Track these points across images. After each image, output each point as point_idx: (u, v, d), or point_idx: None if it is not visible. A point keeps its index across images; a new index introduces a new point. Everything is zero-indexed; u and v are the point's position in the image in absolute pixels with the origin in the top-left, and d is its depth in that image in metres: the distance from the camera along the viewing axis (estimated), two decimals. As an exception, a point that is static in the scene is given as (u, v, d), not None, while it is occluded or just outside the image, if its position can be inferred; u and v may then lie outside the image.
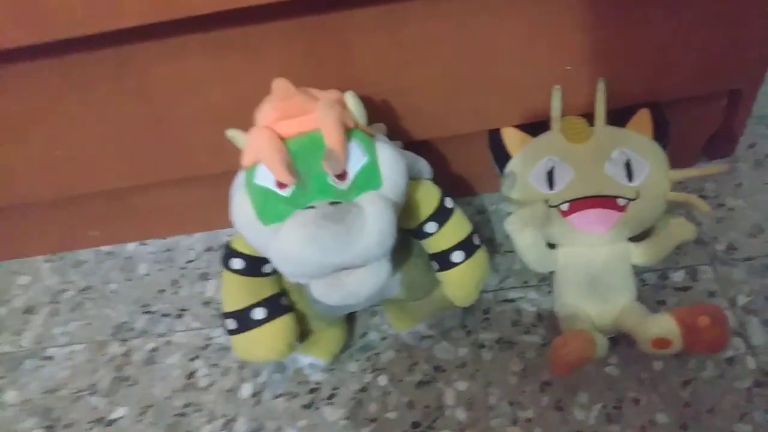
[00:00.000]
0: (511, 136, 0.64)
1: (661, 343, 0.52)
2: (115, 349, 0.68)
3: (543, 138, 0.62)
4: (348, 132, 0.45)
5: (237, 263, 0.51)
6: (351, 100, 0.47)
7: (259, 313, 0.52)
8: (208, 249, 0.76)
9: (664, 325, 0.52)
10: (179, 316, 0.69)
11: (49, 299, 0.74)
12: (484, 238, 0.55)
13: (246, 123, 0.49)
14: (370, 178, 0.45)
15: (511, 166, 0.63)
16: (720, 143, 0.72)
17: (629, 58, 0.59)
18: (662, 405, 0.56)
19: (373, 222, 0.41)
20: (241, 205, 0.45)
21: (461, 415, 0.57)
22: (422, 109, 0.61)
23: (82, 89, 0.56)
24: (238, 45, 0.54)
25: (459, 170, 0.72)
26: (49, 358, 0.68)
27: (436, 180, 0.55)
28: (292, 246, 0.40)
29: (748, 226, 0.67)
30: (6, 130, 0.59)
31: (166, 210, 0.74)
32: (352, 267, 0.43)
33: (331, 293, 0.44)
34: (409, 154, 0.54)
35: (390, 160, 0.46)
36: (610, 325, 0.57)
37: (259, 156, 0.43)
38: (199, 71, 0.55)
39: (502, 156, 0.64)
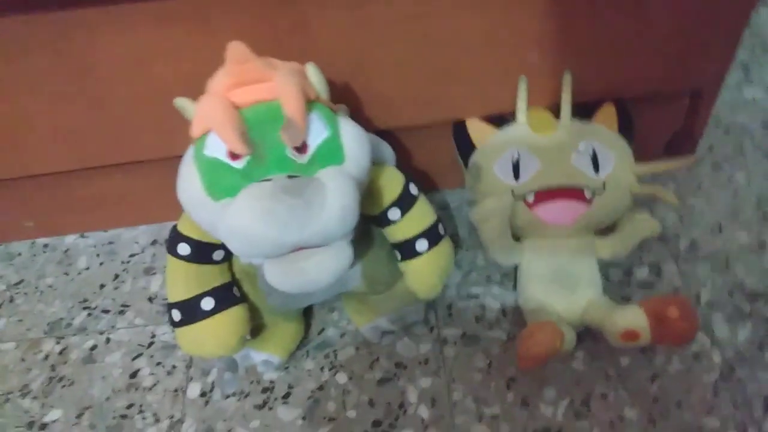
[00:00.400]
0: (476, 127, 0.62)
1: (630, 335, 0.50)
2: (51, 347, 0.62)
3: (509, 129, 0.61)
4: (309, 104, 0.42)
5: (183, 248, 0.47)
6: (312, 72, 0.44)
7: (207, 304, 0.48)
8: (154, 242, 0.71)
9: (632, 317, 0.51)
10: (121, 312, 0.65)
11: (-24, 295, 0.68)
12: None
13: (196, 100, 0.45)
14: (331, 153, 0.42)
15: (475, 158, 0.61)
16: (681, 144, 0.72)
17: (594, 52, 0.58)
18: (630, 400, 0.54)
19: (335, 197, 0.38)
20: (189, 179, 0.41)
21: (424, 412, 0.55)
22: (383, 96, 0.59)
23: (15, 58, 0.51)
24: (189, 15, 0.50)
25: (422, 165, 0.70)
26: (-25, 358, 0.62)
27: (399, 173, 0.53)
28: (246, 221, 0.37)
29: (710, 224, 0.67)
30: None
31: (108, 200, 0.69)
32: (311, 247, 0.40)
33: (288, 279, 0.41)
34: (373, 136, 0.51)
35: (353, 135, 0.43)
36: (576, 319, 0.55)
37: (210, 123, 0.40)
38: (147, 43, 0.51)
39: (466, 147, 0.62)
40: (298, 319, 0.58)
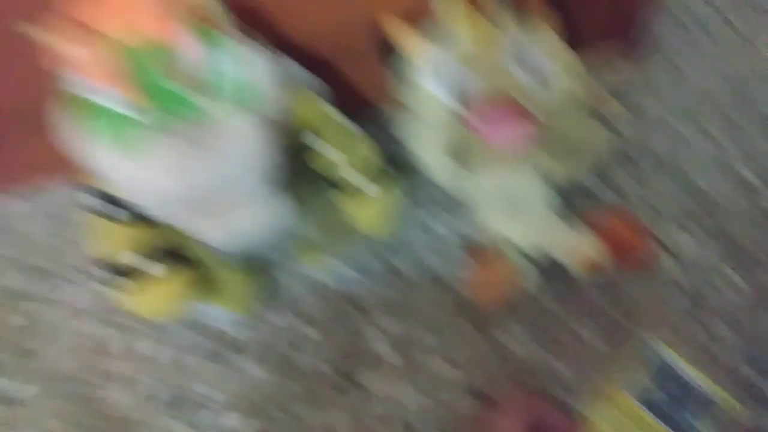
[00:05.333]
0: (406, 42, 0.55)
1: (592, 266, 0.47)
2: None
3: (443, 40, 0.54)
4: (204, 31, 0.35)
5: (117, 211, 0.41)
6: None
7: (149, 266, 0.42)
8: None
9: (591, 248, 0.47)
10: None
11: None
12: (390, 156, 0.49)
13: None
14: (236, 90, 0.36)
15: (407, 72, 0.54)
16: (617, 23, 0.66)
17: None
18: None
19: (238, 140, 0.33)
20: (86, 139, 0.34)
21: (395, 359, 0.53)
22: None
23: None
24: None
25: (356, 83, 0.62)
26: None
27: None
28: (147, 174, 0.32)
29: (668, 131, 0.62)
30: None
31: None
32: (229, 196, 0.35)
33: (216, 232, 0.38)
34: (287, 60, 0.45)
35: (259, 68, 0.37)
36: (532, 246, 0.51)
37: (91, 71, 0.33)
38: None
39: (397, 63, 0.55)
40: (252, 272, 0.54)
